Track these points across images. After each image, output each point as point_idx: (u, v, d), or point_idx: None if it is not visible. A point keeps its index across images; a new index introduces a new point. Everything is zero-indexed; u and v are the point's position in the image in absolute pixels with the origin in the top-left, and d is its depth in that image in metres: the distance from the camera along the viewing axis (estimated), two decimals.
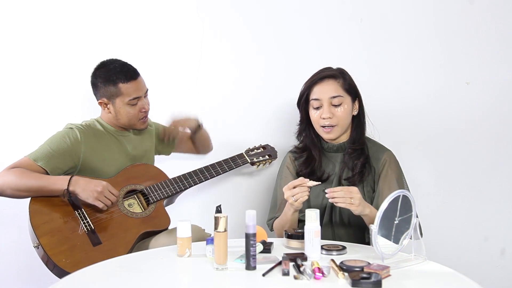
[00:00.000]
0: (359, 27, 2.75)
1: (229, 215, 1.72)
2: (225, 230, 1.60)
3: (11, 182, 2.10)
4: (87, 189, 2.12)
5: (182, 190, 2.37)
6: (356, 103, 2.15)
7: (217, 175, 2.45)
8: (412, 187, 2.21)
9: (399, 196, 1.67)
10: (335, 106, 2.09)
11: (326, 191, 1.85)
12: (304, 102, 2.15)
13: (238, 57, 2.74)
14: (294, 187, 1.88)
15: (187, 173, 2.40)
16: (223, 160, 2.48)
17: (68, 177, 2.13)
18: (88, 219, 2.15)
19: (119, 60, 2.31)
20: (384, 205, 1.63)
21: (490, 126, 2.79)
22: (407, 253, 1.72)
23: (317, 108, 2.11)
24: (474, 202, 2.80)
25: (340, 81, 2.11)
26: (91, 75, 2.31)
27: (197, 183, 2.40)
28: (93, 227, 2.14)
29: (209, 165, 2.44)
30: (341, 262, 1.59)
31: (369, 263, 1.57)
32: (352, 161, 2.11)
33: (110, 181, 2.22)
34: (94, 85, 2.31)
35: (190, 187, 2.39)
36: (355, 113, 2.15)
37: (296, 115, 2.24)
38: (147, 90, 2.34)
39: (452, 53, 2.77)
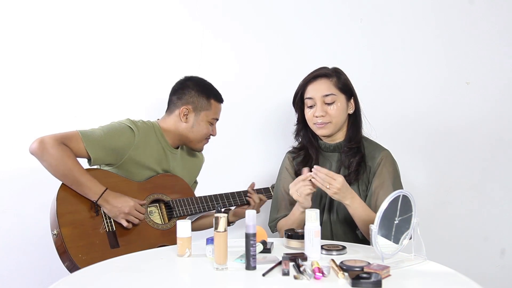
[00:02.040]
0: (359, 27, 2.75)
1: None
2: (225, 230, 1.60)
3: (55, 160, 2.05)
4: (114, 209, 2.12)
5: (205, 211, 2.35)
6: (352, 101, 2.15)
7: (241, 204, 2.42)
8: (412, 187, 2.21)
9: (399, 196, 1.67)
10: (328, 104, 2.10)
11: (314, 167, 1.89)
12: (299, 101, 2.16)
13: (238, 58, 2.74)
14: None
15: (213, 195, 2.38)
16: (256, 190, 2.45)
17: (101, 189, 2.11)
18: (112, 220, 2.15)
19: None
20: (384, 205, 1.63)
21: (490, 126, 2.79)
22: (407, 253, 1.72)
23: (311, 107, 2.12)
24: (474, 202, 2.80)
25: (333, 79, 2.12)
26: (179, 83, 2.36)
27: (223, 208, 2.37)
28: (114, 229, 2.14)
29: (242, 191, 2.42)
30: (341, 262, 1.58)
31: (369, 263, 1.57)
32: (348, 159, 2.11)
33: (138, 185, 2.23)
34: (182, 91, 2.34)
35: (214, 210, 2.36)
36: (350, 111, 2.16)
37: (294, 115, 2.25)
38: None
39: (452, 53, 2.77)
